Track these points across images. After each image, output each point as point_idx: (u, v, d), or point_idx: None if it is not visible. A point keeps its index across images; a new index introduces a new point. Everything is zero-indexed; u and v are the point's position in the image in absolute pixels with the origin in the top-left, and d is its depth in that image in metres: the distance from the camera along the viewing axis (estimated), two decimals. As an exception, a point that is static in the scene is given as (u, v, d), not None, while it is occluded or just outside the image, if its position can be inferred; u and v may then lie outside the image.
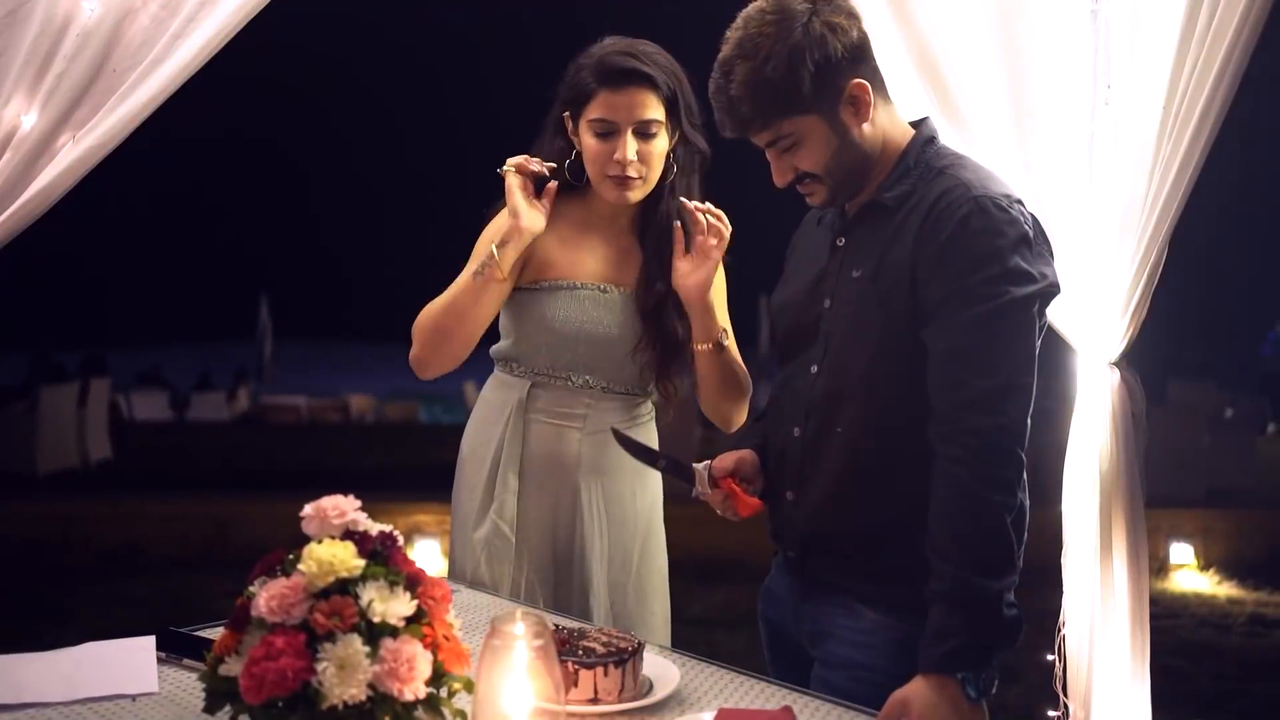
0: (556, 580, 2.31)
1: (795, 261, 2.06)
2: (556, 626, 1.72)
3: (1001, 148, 2.19)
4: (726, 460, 1.98)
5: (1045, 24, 2.15)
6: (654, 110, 2.20)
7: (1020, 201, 1.78)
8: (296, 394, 17.76)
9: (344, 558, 1.37)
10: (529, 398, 2.30)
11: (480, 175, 2.44)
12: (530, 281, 2.30)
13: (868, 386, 1.80)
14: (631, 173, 2.20)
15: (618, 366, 2.28)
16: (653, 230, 2.31)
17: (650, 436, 2.40)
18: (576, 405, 2.29)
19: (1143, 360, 2.18)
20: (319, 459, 11.64)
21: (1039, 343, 1.76)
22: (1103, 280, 2.13)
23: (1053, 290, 1.76)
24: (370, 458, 11.94)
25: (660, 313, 2.28)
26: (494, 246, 2.19)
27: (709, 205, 2.16)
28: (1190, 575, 7.06)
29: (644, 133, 2.21)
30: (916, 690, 1.60)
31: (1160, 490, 8.16)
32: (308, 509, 1.44)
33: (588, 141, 2.22)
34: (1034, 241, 1.75)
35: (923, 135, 1.89)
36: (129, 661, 1.74)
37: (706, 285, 2.19)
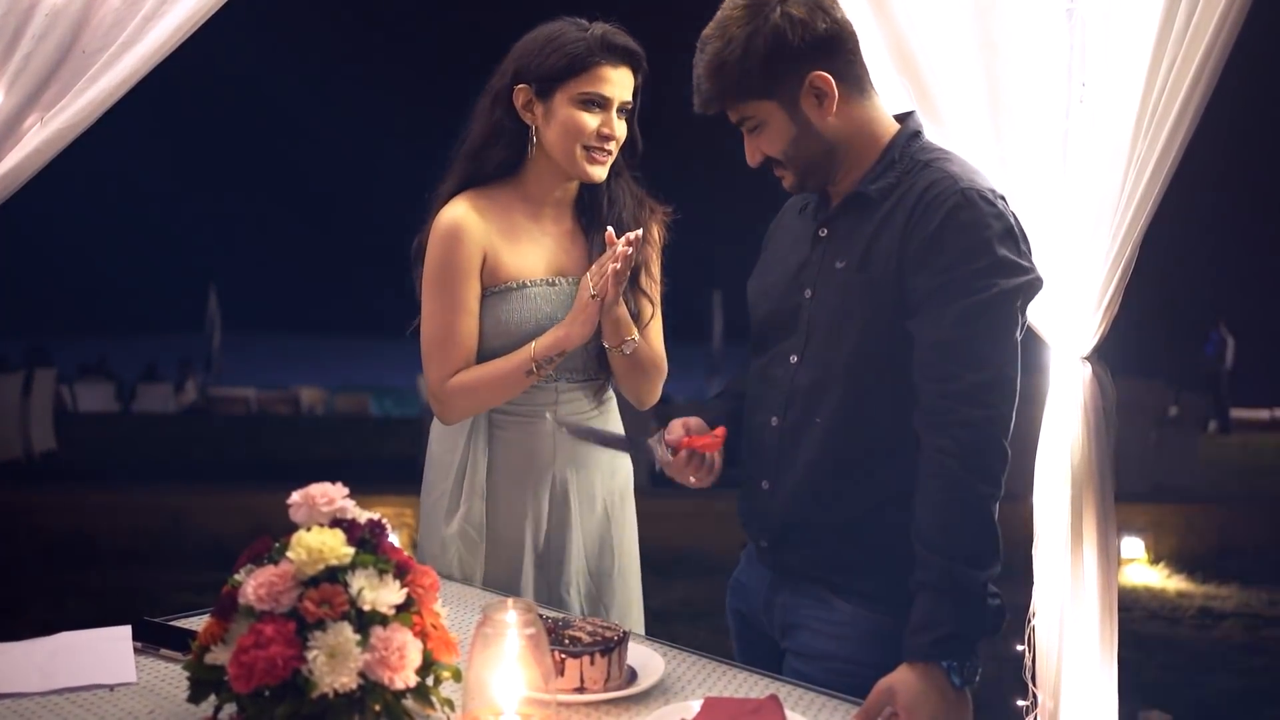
0: (535, 573, 2.32)
1: (773, 250, 2.06)
2: (541, 616, 1.71)
3: (977, 143, 2.20)
4: (675, 429, 1.97)
5: (1021, 21, 2.16)
6: (632, 91, 2.27)
7: (1003, 197, 1.81)
8: (246, 386, 17.59)
9: (334, 545, 1.36)
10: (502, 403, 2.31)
11: (436, 170, 2.42)
12: (484, 288, 2.30)
13: (850, 377, 1.81)
14: (610, 147, 2.25)
15: (574, 355, 2.29)
16: (599, 213, 2.34)
17: (615, 419, 2.43)
18: (543, 399, 2.30)
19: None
20: (269, 451, 11.54)
21: (1020, 336, 1.78)
22: (1076, 275, 2.15)
23: (1037, 284, 1.78)
24: (321, 450, 11.84)
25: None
26: (552, 356, 2.21)
27: (627, 237, 2.14)
28: (1141, 569, 7.18)
29: (624, 110, 2.27)
30: (902, 678, 1.62)
31: (1116, 485, 8.32)
32: (295, 496, 1.43)
33: (569, 113, 2.22)
34: (1018, 237, 1.77)
35: (908, 129, 1.90)
36: (106, 651, 1.72)
37: (603, 298, 2.19)
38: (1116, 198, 2.07)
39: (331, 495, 1.43)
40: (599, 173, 2.27)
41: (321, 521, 1.41)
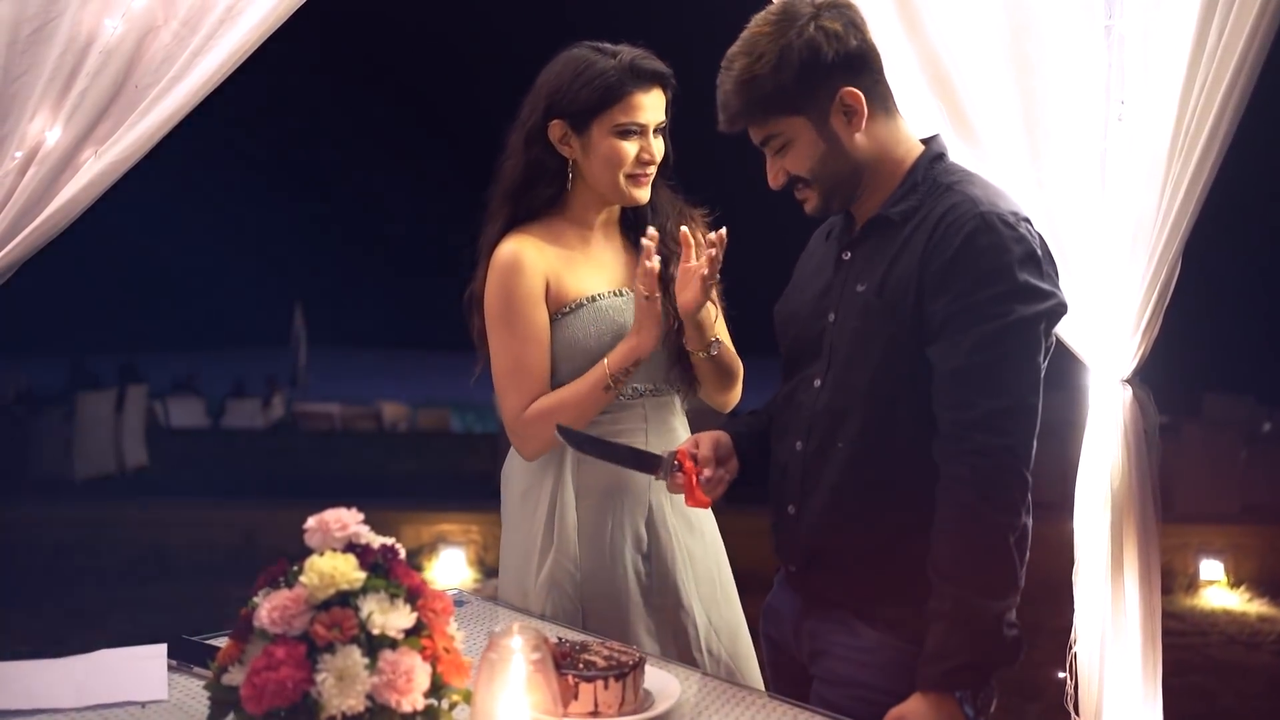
0: (643, 601, 2.25)
1: (801, 274, 2.06)
2: (559, 639, 1.74)
3: (1014, 164, 2.19)
4: (700, 443, 1.97)
5: (1058, 40, 2.15)
6: (665, 109, 2.25)
7: (1028, 220, 1.77)
8: (330, 401, 17.85)
9: (345, 570, 1.39)
10: (586, 425, 2.21)
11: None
12: (552, 314, 2.26)
13: (870, 401, 1.80)
14: (651, 169, 2.24)
15: (656, 365, 2.26)
16: (644, 224, 2.26)
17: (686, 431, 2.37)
18: (634, 419, 2.27)
19: (1178, 373, 2.17)
20: (351, 466, 11.72)
21: (1046, 362, 1.75)
22: (1115, 298, 2.12)
23: (1060, 309, 1.75)
24: (401, 465, 12.00)
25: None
26: (628, 367, 2.16)
27: (709, 237, 2.08)
28: (1220, 592, 6.98)
29: (660, 130, 2.25)
30: (914, 708, 1.61)
31: (1194, 505, 8.08)
32: (310, 521, 1.46)
33: (608, 144, 2.20)
34: (1042, 260, 1.74)
35: (931, 151, 1.88)
36: (140, 669, 1.78)
37: (694, 304, 2.13)
38: (1153, 219, 2.05)
39: (345, 520, 1.46)
40: (643, 195, 2.26)
41: (335, 546, 1.44)
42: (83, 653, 1.87)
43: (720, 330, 2.31)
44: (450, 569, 6.94)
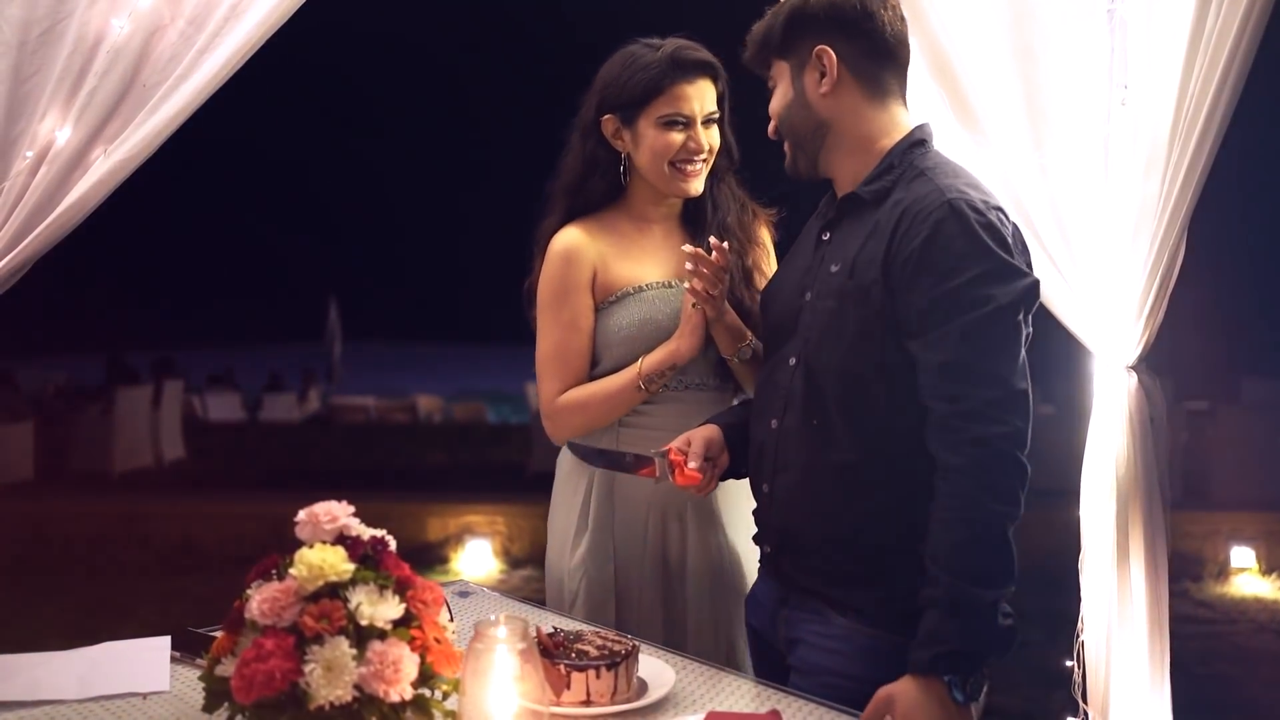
0: (665, 597, 2.26)
1: (790, 255, 2.08)
2: (554, 629, 1.75)
3: (1017, 151, 2.17)
4: (691, 441, 1.99)
5: (1061, 26, 2.13)
6: (714, 99, 2.26)
7: (1000, 209, 1.77)
8: (365, 394, 17.96)
9: (334, 562, 1.41)
10: (628, 414, 2.25)
11: (544, 174, 2.43)
12: (599, 303, 2.29)
13: (844, 382, 1.80)
14: (700, 161, 2.25)
15: (697, 367, 2.24)
16: (704, 219, 2.32)
17: None
18: (681, 414, 2.22)
19: (1218, 358, 2.16)
20: (385, 459, 11.79)
21: (1026, 346, 1.74)
22: (1119, 284, 2.11)
23: (1035, 289, 1.74)
24: (433, 457, 12.07)
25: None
26: (664, 370, 2.18)
27: (698, 251, 2.08)
28: (1251, 579, 6.90)
29: (710, 120, 2.26)
30: (902, 688, 1.61)
31: (1232, 492, 7.97)
32: (301, 514, 1.48)
33: (654, 136, 2.22)
34: (1013, 247, 1.74)
35: (912, 137, 1.88)
36: (143, 660, 1.81)
37: (713, 314, 2.14)
38: (1155, 203, 2.03)
39: (335, 513, 1.48)
40: (694, 186, 2.26)
41: (325, 539, 1.46)
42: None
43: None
44: (476, 560, 7.00)
